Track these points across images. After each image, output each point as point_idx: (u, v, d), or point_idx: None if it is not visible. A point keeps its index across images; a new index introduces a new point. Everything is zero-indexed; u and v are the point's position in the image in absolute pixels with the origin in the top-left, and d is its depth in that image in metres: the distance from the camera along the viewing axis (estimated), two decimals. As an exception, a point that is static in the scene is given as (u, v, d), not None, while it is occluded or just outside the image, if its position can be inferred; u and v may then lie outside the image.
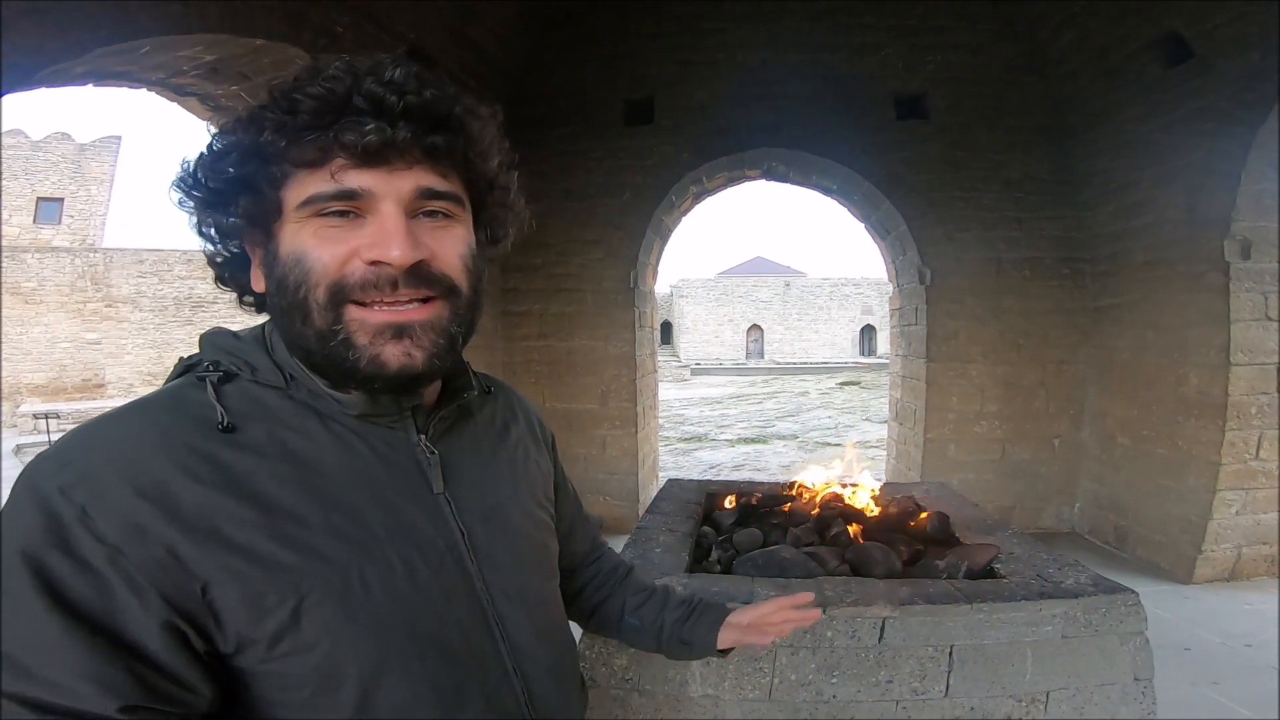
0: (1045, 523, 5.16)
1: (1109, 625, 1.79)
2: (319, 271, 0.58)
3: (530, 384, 5.42)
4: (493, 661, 0.66)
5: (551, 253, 5.38)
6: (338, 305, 0.58)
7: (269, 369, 0.63)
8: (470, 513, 0.68)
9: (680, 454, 9.41)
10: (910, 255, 5.31)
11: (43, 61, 2.07)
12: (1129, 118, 4.40)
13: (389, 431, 0.65)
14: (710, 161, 5.27)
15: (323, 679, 0.57)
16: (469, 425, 0.74)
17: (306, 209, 0.58)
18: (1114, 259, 4.77)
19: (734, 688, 1.82)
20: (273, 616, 0.54)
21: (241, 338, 0.66)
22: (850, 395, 17.47)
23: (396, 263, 0.57)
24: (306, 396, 0.63)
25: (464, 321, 0.64)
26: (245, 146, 0.58)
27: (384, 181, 0.58)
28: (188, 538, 0.52)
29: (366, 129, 0.55)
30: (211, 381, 0.60)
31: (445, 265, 0.61)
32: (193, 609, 0.52)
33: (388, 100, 0.56)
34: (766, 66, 5.17)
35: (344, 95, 0.56)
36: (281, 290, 0.59)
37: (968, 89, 5.08)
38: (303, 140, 0.56)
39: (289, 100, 0.56)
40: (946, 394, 5.21)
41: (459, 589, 0.65)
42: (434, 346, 0.61)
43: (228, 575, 0.53)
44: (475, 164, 0.64)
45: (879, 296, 29.92)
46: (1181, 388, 4.17)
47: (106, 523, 0.50)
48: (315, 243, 0.58)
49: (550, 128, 5.30)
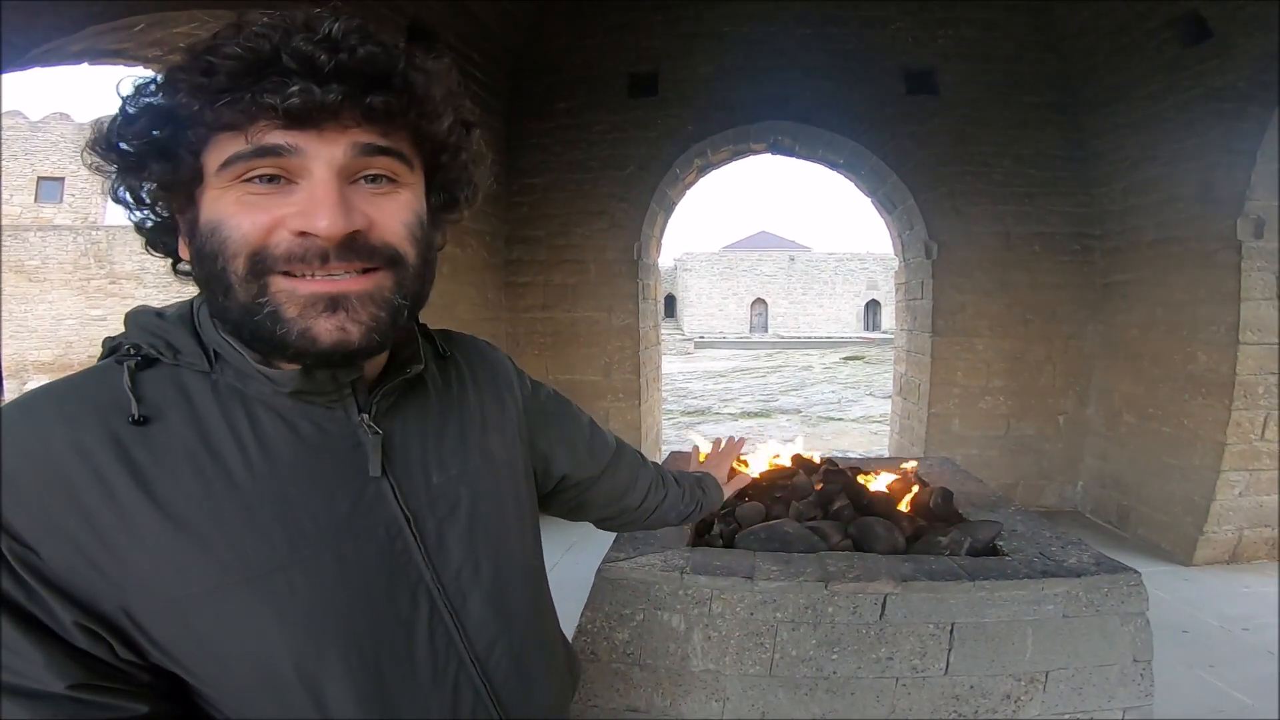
0: (1048, 500, 5.17)
1: (1111, 605, 1.79)
2: (237, 240, 0.52)
3: (534, 355, 5.44)
4: (447, 653, 0.63)
5: (555, 224, 5.35)
6: (260, 276, 0.53)
7: (193, 351, 0.58)
8: (415, 495, 0.63)
9: (684, 427, 9.43)
10: (917, 229, 5.25)
11: (35, 39, 2.03)
12: (1144, 95, 4.33)
13: (326, 411, 0.60)
14: (715, 134, 5.20)
15: (264, 683, 0.55)
16: (419, 398, 0.68)
17: (227, 172, 0.52)
18: (1124, 235, 4.71)
19: (735, 663, 1.84)
20: (198, 624, 0.53)
21: (166, 316, 0.60)
22: (854, 370, 17.46)
23: (325, 234, 0.51)
24: (234, 379, 0.58)
25: (409, 293, 0.59)
26: (158, 109, 0.52)
27: (314, 143, 0.52)
28: (100, 543, 0.50)
29: (291, 89, 0.49)
30: (129, 368, 0.55)
31: (387, 233, 0.56)
32: (109, 613, 0.51)
33: (318, 58, 0.50)
34: (773, 39, 5.08)
35: (269, 54, 0.50)
36: (201, 261, 0.55)
37: (979, 64, 4.99)
38: (219, 101, 0.50)
39: (204, 62, 0.50)
40: (951, 368, 5.18)
41: (402, 581, 0.61)
42: (372, 320, 0.55)
43: (143, 582, 0.51)
44: (422, 125, 0.57)
45: (884, 271, 29.75)
46: (1189, 365, 4.15)
47: (20, 523, 0.49)
48: (235, 210, 0.52)
49: (553, 100, 5.24)
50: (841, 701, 1.80)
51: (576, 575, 2.21)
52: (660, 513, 1.10)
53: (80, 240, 15.61)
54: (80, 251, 15.51)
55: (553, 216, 5.33)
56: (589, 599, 1.93)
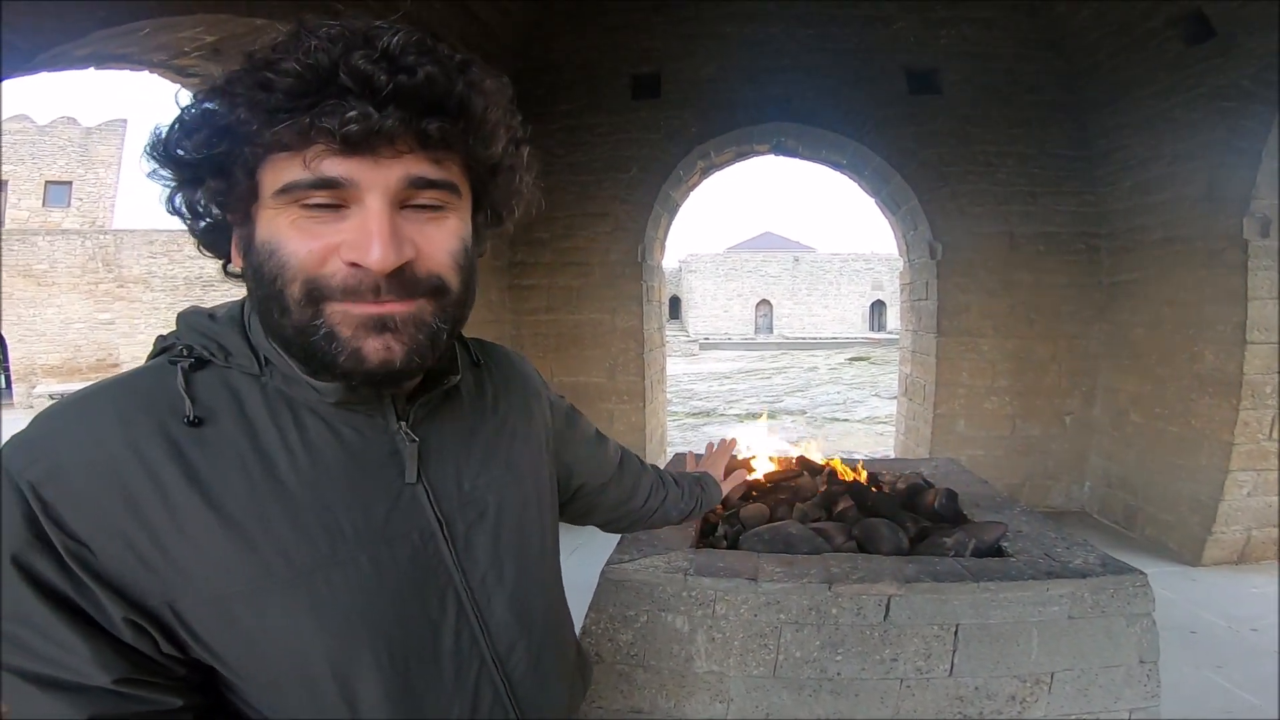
0: (1054, 501, 5.15)
1: (1116, 606, 1.78)
2: (294, 266, 0.54)
3: (538, 357, 5.43)
4: (471, 651, 0.65)
5: (559, 226, 5.35)
6: (316, 303, 0.55)
7: (244, 354, 0.60)
8: (449, 500, 0.66)
9: (688, 429, 9.43)
10: (921, 230, 5.24)
11: (41, 44, 2.04)
12: (1148, 94, 4.31)
13: (367, 419, 0.63)
14: (718, 136, 5.20)
15: (299, 680, 0.57)
16: (454, 406, 0.71)
17: (284, 196, 0.53)
18: (1130, 235, 4.69)
19: (739, 664, 1.84)
20: (239, 619, 0.55)
21: (217, 318, 0.63)
22: (860, 370, 17.41)
23: (376, 267, 0.53)
24: (281, 383, 0.60)
25: (450, 318, 0.61)
26: (216, 124, 0.52)
27: (369, 171, 0.52)
28: (150, 539, 0.52)
29: (349, 114, 0.49)
30: (183, 369, 0.57)
31: (433, 264, 0.58)
32: (155, 609, 0.53)
33: (377, 79, 0.50)
34: (775, 40, 5.08)
35: (327, 71, 0.50)
36: (258, 279, 0.56)
37: (982, 63, 4.97)
38: (277, 122, 0.50)
39: (263, 76, 0.51)
40: (957, 369, 5.16)
41: (433, 583, 0.63)
42: (413, 342, 0.57)
43: (190, 578, 0.53)
44: (476, 150, 0.58)
45: (889, 272, 29.66)
46: (1196, 365, 4.12)
47: (75, 521, 0.51)
48: (291, 233, 0.54)
49: (555, 101, 5.24)
50: (845, 703, 1.80)
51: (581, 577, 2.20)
52: (663, 511, 1.14)
53: (88, 244, 15.70)
54: (88, 255, 15.60)
55: (556, 219, 5.32)
56: (593, 600, 1.93)
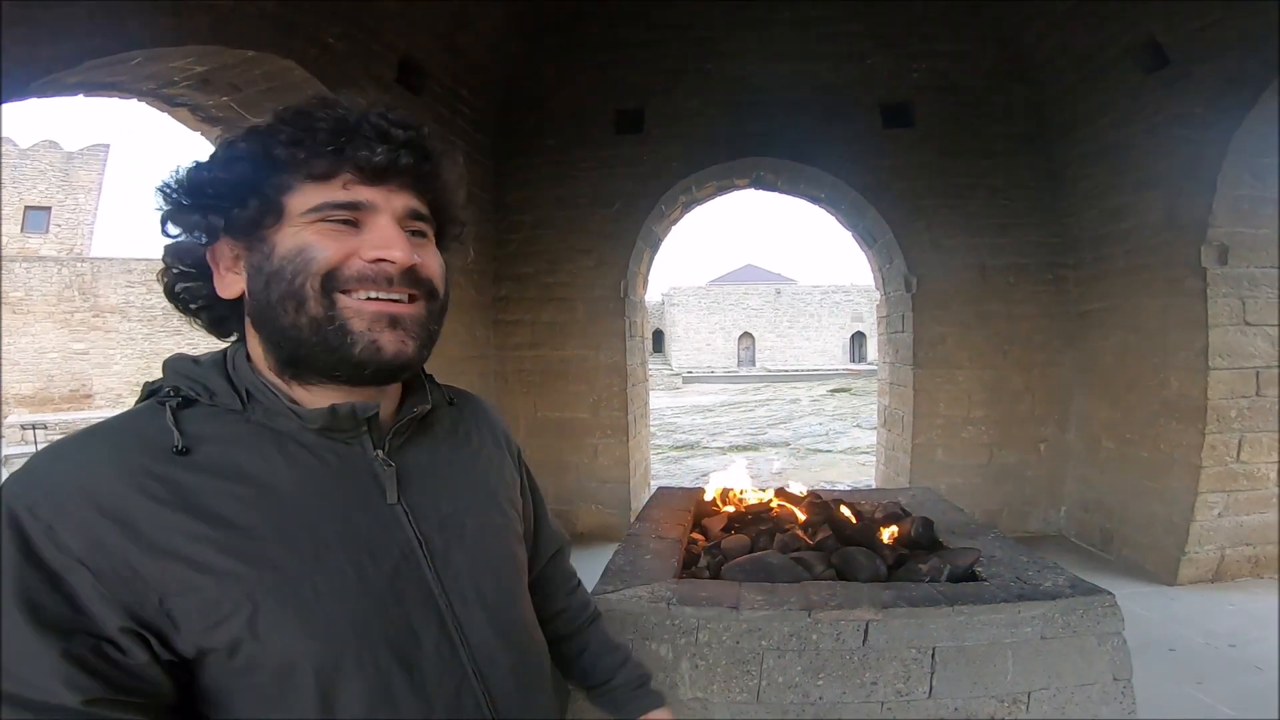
0: (1032, 526, 5.21)
1: (1086, 626, 1.83)
2: (320, 260, 0.64)
3: (522, 393, 5.44)
4: (451, 664, 0.68)
5: (543, 261, 5.40)
6: (329, 293, 0.64)
7: (226, 393, 0.66)
8: (427, 520, 0.71)
9: (672, 462, 9.43)
10: (897, 263, 5.36)
11: (36, 71, 2.09)
12: (1110, 123, 4.43)
13: (345, 446, 0.69)
14: (699, 171, 5.30)
15: (281, 681, 0.60)
16: (429, 438, 0.77)
17: (312, 215, 0.64)
18: (1097, 263, 4.82)
19: (723, 690, 1.84)
20: (228, 624, 0.58)
21: (201, 363, 0.69)
22: (841, 402, 17.55)
23: (400, 261, 0.65)
24: (263, 417, 0.66)
25: (438, 322, 0.72)
26: (259, 155, 0.64)
27: (383, 198, 0.67)
28: (145, 552, 0.56)
29: (377, 151, 0.64)
30: (171, 406, 0.63)
31: (429, 271, 0.70)
32: (151, 618, 0.56)
33: (392, 131, 0.66)
34: (755, 75, 5.21)
35: (355, 123, 0.65)
36: (277, 280, 0.64)
37: (952, 96, 5.13)
38: (319, 154, 0.64)
39: (307, 118, 0.64)
40: (934, 400, 5.25)
41: (414, 594, 0.67)
42: (418, 338, 0.68)
43: (183, 587, 0.57)
44: (445, 195, 0.74)
45: (869, 303, 30.08)
46: (1163, 391, 4.22)
47: (70, 538, 0.55)
48: (317, 238, 0.64)
49: (541, 136, 5.33)
50: (827, 727, 1.81)
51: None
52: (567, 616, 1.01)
53: (65, 272, 15.54)
54: (65, 283, 15.43)
55: (541, 254, 5.37)
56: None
